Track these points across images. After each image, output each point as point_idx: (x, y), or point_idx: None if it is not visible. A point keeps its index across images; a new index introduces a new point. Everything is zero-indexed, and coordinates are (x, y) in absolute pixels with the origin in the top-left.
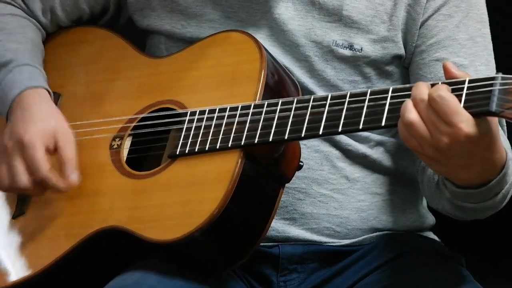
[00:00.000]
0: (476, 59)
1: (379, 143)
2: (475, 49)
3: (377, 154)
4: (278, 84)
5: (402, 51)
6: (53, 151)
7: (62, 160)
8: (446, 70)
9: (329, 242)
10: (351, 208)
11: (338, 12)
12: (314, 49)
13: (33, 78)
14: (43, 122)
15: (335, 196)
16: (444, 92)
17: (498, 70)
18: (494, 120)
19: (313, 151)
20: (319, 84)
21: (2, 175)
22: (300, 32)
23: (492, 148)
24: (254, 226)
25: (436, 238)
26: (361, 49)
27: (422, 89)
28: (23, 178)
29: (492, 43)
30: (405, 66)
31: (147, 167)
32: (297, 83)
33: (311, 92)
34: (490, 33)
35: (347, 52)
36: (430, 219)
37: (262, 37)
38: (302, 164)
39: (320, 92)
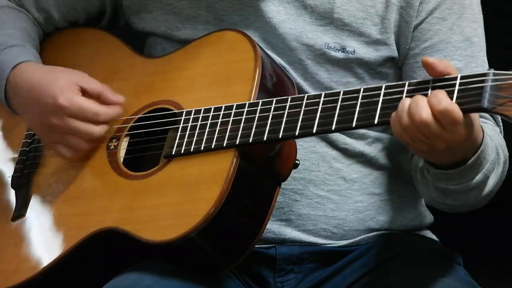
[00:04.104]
0: (472, 60)
1: (376, 140)
2: (471, 49)
3: (375, 151)
4: (273, 82)
5: (395, 53)
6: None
7: (97, 93)
8: (430, 67)
9: (326, 244)
10: (348, 210)
11: (329, 15)
12: (306, 52)
13: (22, 55)
14: (56, 81)
15: (332, 197)
16: (448, 103)
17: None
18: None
19: (309, 152)
20: (313, 86)
21: (74, 143)
22: (291, 35)
23: (471, 128)
24: (251, 225)
25: (434, 237)
26: (354, 52)
27: (422, 106)
28: (93, 128)
29: (491, 42)
30: (398, 67)
31: (145, 167)
32: (293, 81)
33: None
34: (484, 33)
35: (339, 55)
36: (428, 217)
37: (257, 40)
38: (298, 162)
39: None
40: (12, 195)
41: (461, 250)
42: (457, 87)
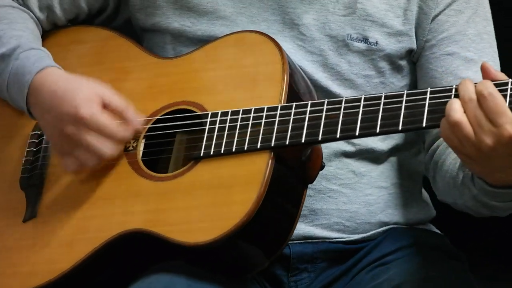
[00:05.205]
0: (483, 55)
1: (388, 137)
2: (482, 45)
3: (385, 147)
4: (297, 85)
5: (414, 45)
6: (104, 110)
7: (118, 110)
8: (485, 71)
9: (339, 238)
10: (359, 202)
11: (353, 5)
12: (328, 43)
13: (42, 60)
14: (81, 91)
15: (343, 191)
16: (494, 90)
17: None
18: None
19: (322, 147)
20: (332, 78)
21: (83, 158)
22: (315, 26)
23: None
24: (282, 227)
25: (438, 231)
26: (376, 43)
27: (469, 87)
28: (107, 147)
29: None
30: (413, 60)
31: (159, 168)
32: (310, 85)
33: (324, 88)
34: (494, 31)
35: (362, 46)
36: (432, 211)
37: (274, 33)
38: (324, 164)
39: (333, 87)
40: (21, 196)
41: (463, 247)
42: (509, 92)
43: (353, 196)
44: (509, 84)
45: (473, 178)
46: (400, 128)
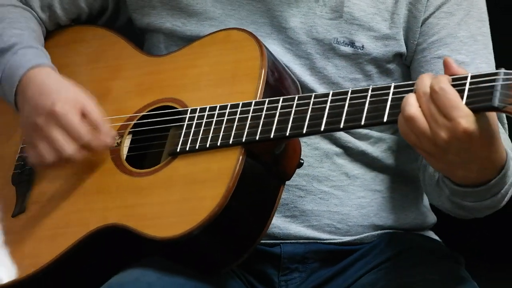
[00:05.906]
0: (476, 57)
1: (379, 140)
2: (475, 47)
3: (377, 151)
4: (278, 82)
5: (403, 49)
6: (81, 117)
7: (94, 123)
8: (447, 66)
9: (330, 239)
10: (351, 205)
11: (340, 9)
12: (315, 46)
13: (39, 57)
14: (64, 92)
15: (335, 192)
16: (445, 84)
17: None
18: (493, 118)
19: (313, 149)
20: (319, 81)
21: (44, 152)
22: (302, 29)
23: (491, 147)
24: (255, 223)
25: (436, 238)
26: (363, 47)
27: (425, 82)
28: (69, 147)
29: (492, 40)
30: (406, 64)
31: (147, 165)
32: (297, 82)
33: (311, 90)
34: (489, 32)
35: (348, 50)
36: (431, 217)
37: (262, 35)
38: (302, 161)
39: (320, 90)
40: (12, 191)
41: (463, 251)
42: (467, 86)
43: (345, 198)
44: (468, 78)
45: (443, 179)
46: (362, 123)
